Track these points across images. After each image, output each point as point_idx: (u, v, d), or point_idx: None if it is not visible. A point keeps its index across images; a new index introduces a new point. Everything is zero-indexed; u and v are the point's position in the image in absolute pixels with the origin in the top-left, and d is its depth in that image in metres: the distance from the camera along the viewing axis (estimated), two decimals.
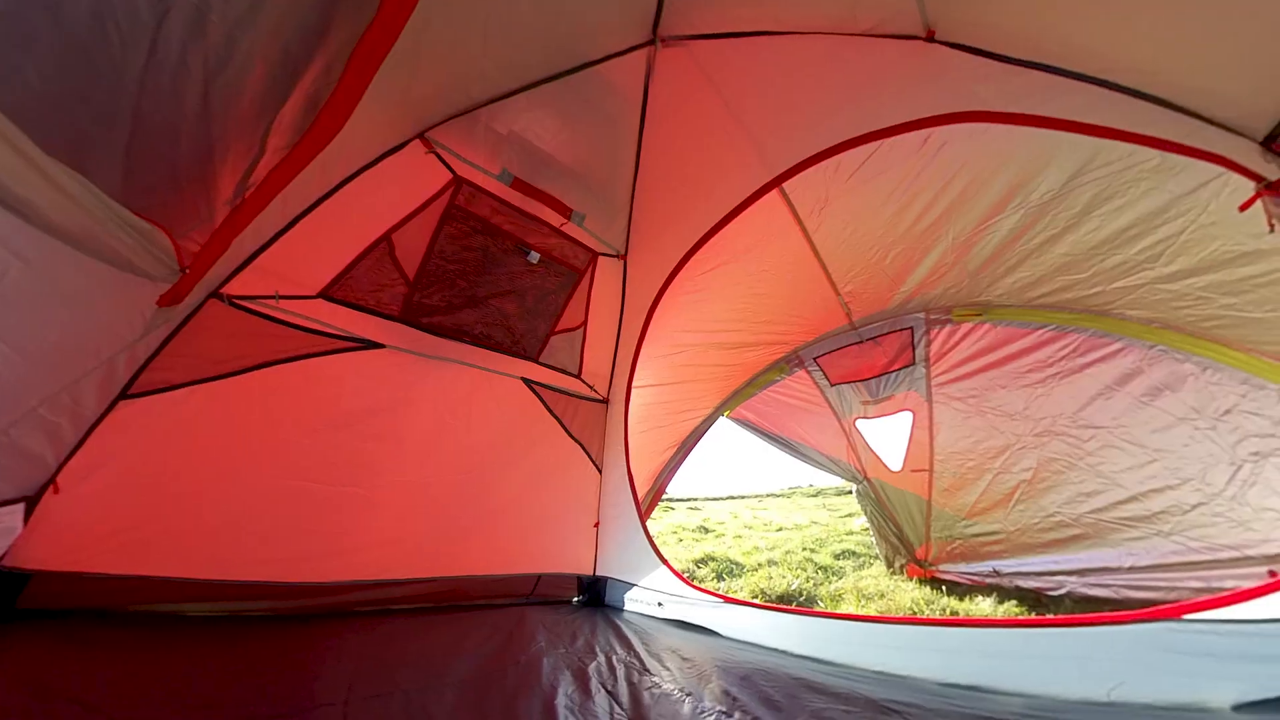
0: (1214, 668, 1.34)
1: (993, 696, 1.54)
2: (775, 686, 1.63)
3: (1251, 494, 1.87)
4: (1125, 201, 1.90)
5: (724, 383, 4.20)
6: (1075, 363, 2.47)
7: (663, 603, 2.64)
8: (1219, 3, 1.31)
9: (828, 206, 2.90)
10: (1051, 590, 2.49)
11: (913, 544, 3.42)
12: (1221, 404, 1.93)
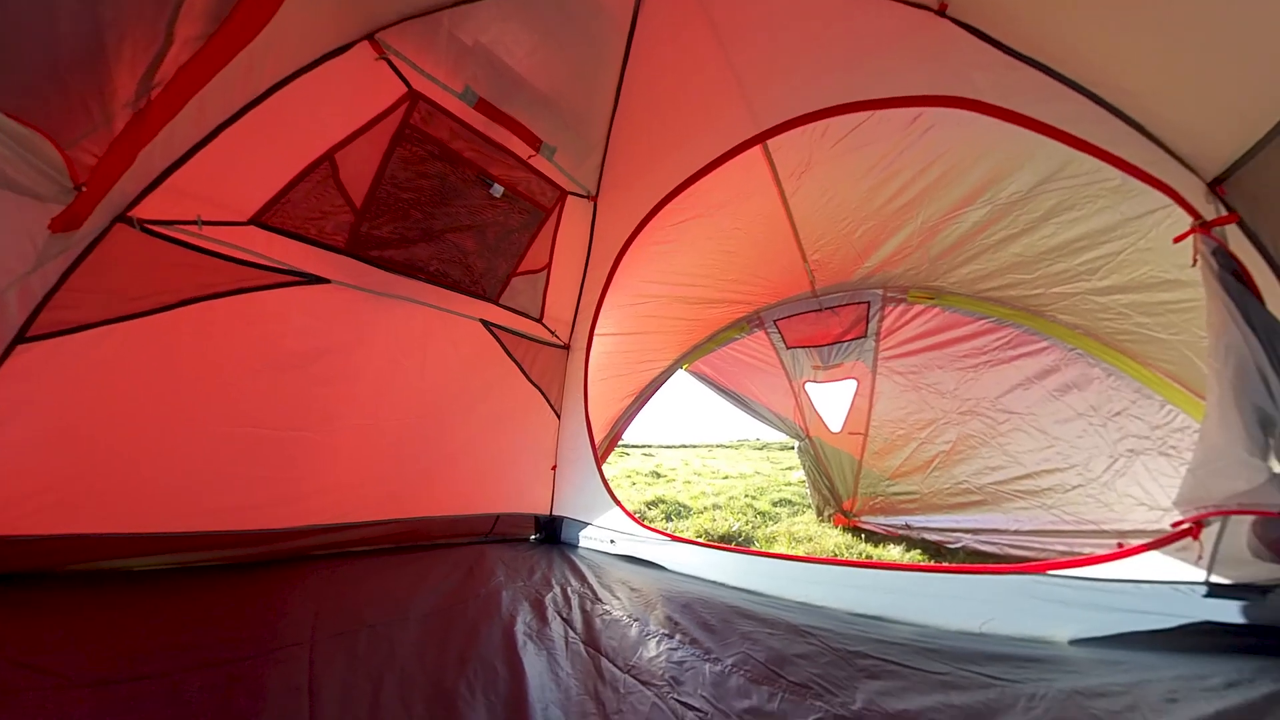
0: (1062, 612, 1.67)
1: (891, 625, 1.85)
2: (712, 613, 1.85)
3: (1120, 482, 2.27)
4: (1081, 215, 2.02)
5: (685, 336, 4.29)
6: (1005, 354, 2.73)
7: (615, 540, 2.87)
8: (1205, 45, 1.34)
9: (809, 171, 2.85)
10: (950, 544, 2.94)
11: (841, 497, 3.85)
12: (1115, 406, 2.26)
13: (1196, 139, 1.55)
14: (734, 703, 1.27)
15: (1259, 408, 1.40)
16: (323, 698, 1.15)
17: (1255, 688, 1.15)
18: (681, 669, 1.43)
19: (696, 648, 1.57)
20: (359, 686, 1.21)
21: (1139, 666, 1.37)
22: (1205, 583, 1.49)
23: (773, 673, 1.41)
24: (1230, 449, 1.44)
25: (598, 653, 1.50)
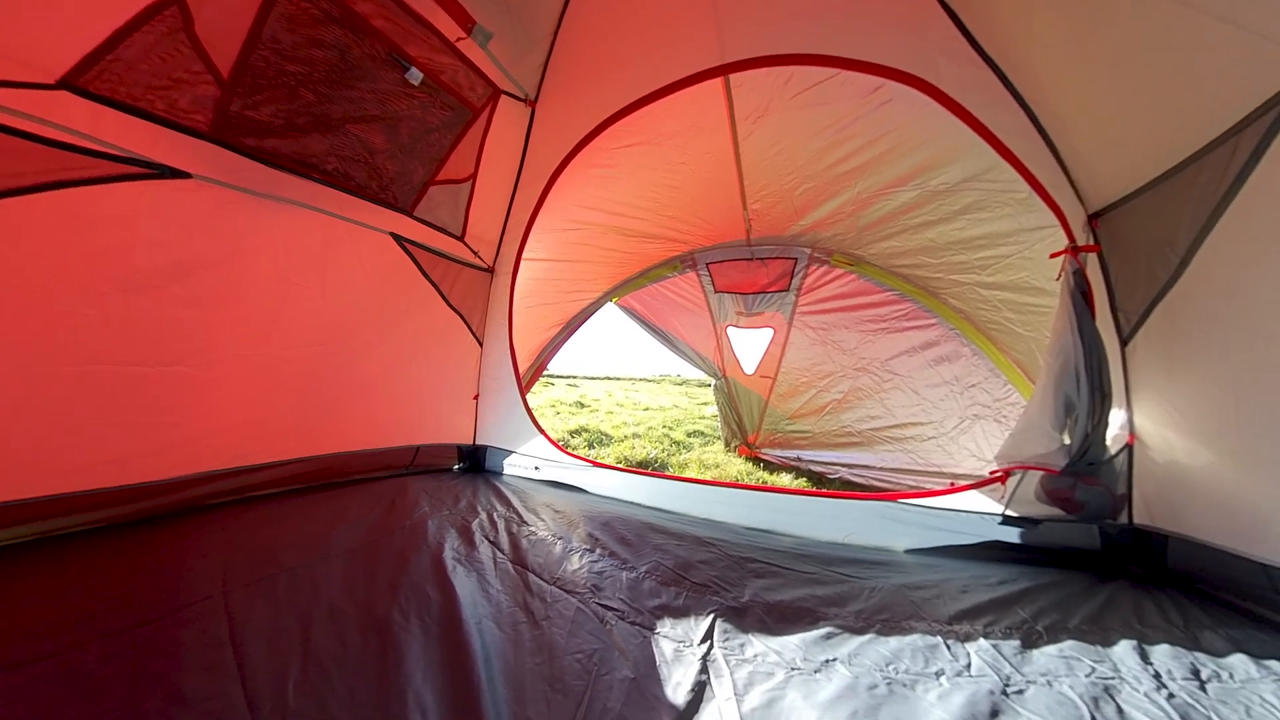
0: (903, 529, 2.15)
1: (777, 536, 2.24)
2: (629, 529, 2.07)
3: (962, 438, 2.92)
4: (989, 217, 2.33)
5: (617, 269, 4.24)
6: (901, 324, 3.19)
7: (539, 467, 3.00)
8: (1123, 101, 1.57)
9: (765, 117, 2.81)
10: (829, 474, 3.58)
11: (747, 431, 4.37)
12: (972, 380, 2.83)
13: (1092, 176, 1.85)
14: (646, 602, 1.47)
15: (1068, 396, 1.84)
16: (248, 645, 1.12)
17: (1017, 583, 1.66)
18: (602, 578, 1.60)
19: (615, 559, 1.75)
20: (286, 628, 1.19)
21: (948, 569, 1.87)
22: (1002, 515, 2.03)
23: (679, 576, 1.65)
24: (1040, 423, 1.91)
25: (525, 570, 1.61)
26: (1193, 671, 1.15)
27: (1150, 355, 1.76)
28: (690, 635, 1.29)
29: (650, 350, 10.51)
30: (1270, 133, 1.21)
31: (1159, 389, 1.73)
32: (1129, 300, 1.81)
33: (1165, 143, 1.51)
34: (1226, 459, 1.49)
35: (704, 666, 1.16)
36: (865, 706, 1.04)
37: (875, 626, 1.38)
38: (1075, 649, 1.27)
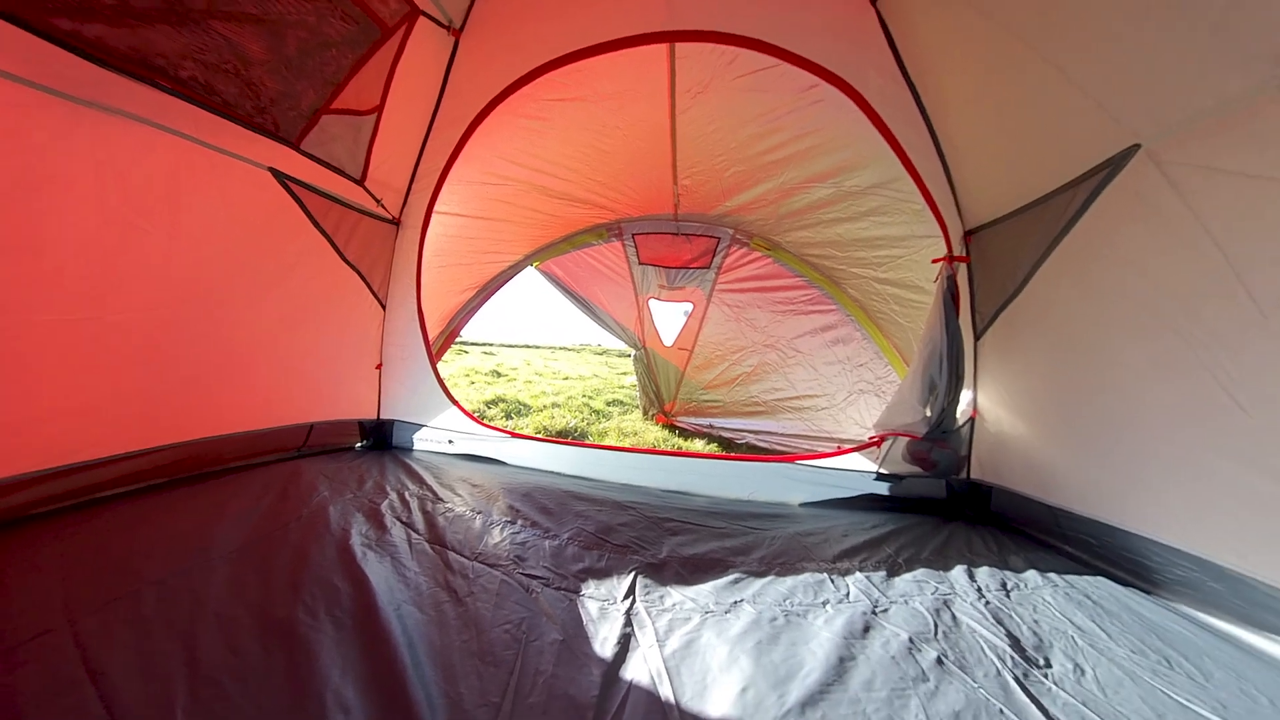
0: (798, 486, 2.49)
1: (691, 497, 2.42)
2: (550, 499, 2.10)
3: (849, 409, 3.44)
4: (890, 221, 2.69)
5: (540, 231, 4.08)
6: (806, 308, 3.58)
7: (453, 440, 2.87)
8: (1005, 137, 1.92)
9: (705, 94, 2.84)
10: (738, 440, 3.97)
11: (664, 400, 4.60)
12: (860, 360, 3.32)
13: (972, 199, 2.24)
14: (570, 567, 1.51)
15: (932, 378, 2.27)
16: (114, 679, 0.93)
17: (885, 527, 2.05)
18: (524, 548, 1.61)
19: (537, 529, 1.78)
20: (163, 651, 1.01)
21: (833, 518, 2.22)
22: (876, 473, 2.46)
23: (601, 540, 1.72)
24: (909, 398, 2.34)
25: (444, 548, 1.56)
26: (1002, 585, 1.56)
27: (993, 350, 2.24)
28: (614, 593, 1.37)
29: (571, 319, 10.43)
30: (1097, 190, 1.59)
31: (996, 376, 2.22)
32: (984, 305, 2.26)
33: (1027, 182, 1.89)
34: (1033, 430, 2.00)
35: (628, 620, 1.24)
36: (768, 636, 1.21)
37: (775, 569, 1.60)
38: (925, 574, 1.62)
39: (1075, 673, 1.11)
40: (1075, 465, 1.77)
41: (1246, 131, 1.15)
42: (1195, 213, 1.31)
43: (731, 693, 1.00)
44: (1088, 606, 1.39)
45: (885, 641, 1.21)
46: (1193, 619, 1.32)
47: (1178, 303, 1.38)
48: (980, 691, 1.03)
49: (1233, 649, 1.19)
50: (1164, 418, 1.44)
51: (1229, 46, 1.10)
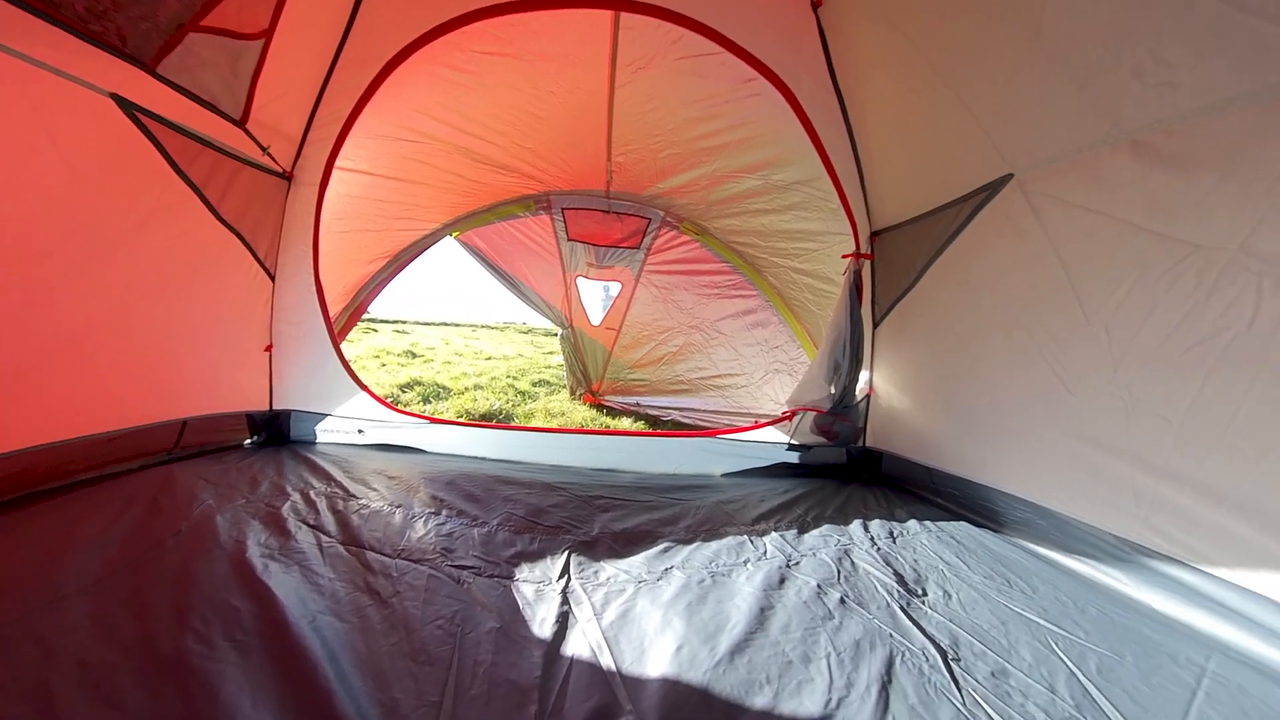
0: (721, 459, 2.70)
1: (620, 474, 2.49)
2: (476, 485, 2.03)
3: (766, 387, 3.76)
4: (810, 216, 2.95)
5: (461, 198, 3.78)
6: (730, 292, 3.80)
7: (363, 430, 2.63)
8: (912, 155, 2.20)
9: (646, 71, 2.81)
10: (663, 417, 4.14)
11: (592, 380, 4.60)
12: (776, 342, 3.64)
13: (879, 204, 2.54)
14: (502, 553, 1.48)
15: (837, 360, 2.57)
16: None
17: (796, 491, 2.32)
18: (451, 539, 1.55)
19: (463, 518, 1.71)
20: (10, 714, 0.83)
21: (752, 486, 2.45)
22: (789, 444, 2.75)
23: (532, 523, 1.72)
24: (817, 377, 2.64)
25: (361, 548, 1.46)
26: (889, 533, 1.87)
27: (888, 337, 2.60)
28: (548, 574, 1.38)
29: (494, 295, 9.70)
30: (978, 208, 1.91)
31: (889, 359, 2.59)
32: (883, 298, 2.60)
33: (925, 194, 2.20)
34: (917, 406, 2.39)
35: (564, 599, 1.26)
36: (696, 596, 1.31)
37: (700, 536, 1.71)
38: (829, 530, 1.88)
39: (944, 597, 1.39)
40: (947, 434, 2.16)
41: (1090, 174, 1.46)
42: (1049, 235, 1.64)
43: (668, 652, 1.07)
44: (953, 545, 1.73)
45: (798, 589, 1.39)
46: (1027, 549, 1.71)
47: (1029, 307, 1.74)
48: (875, 621, 1.24)
49: (1052, 569, 1.57)
50: (1014, 397, 1.82)
51: (1087, 104, 1.39)
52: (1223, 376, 1.22)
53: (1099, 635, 1.21)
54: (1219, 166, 1.18)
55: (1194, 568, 1.27)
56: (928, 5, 1.79)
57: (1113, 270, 1.46)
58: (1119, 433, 1.44)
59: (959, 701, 0.98)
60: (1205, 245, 1.24)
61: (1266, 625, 1.14)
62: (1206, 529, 1.24)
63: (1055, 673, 1.08)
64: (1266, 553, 1.14)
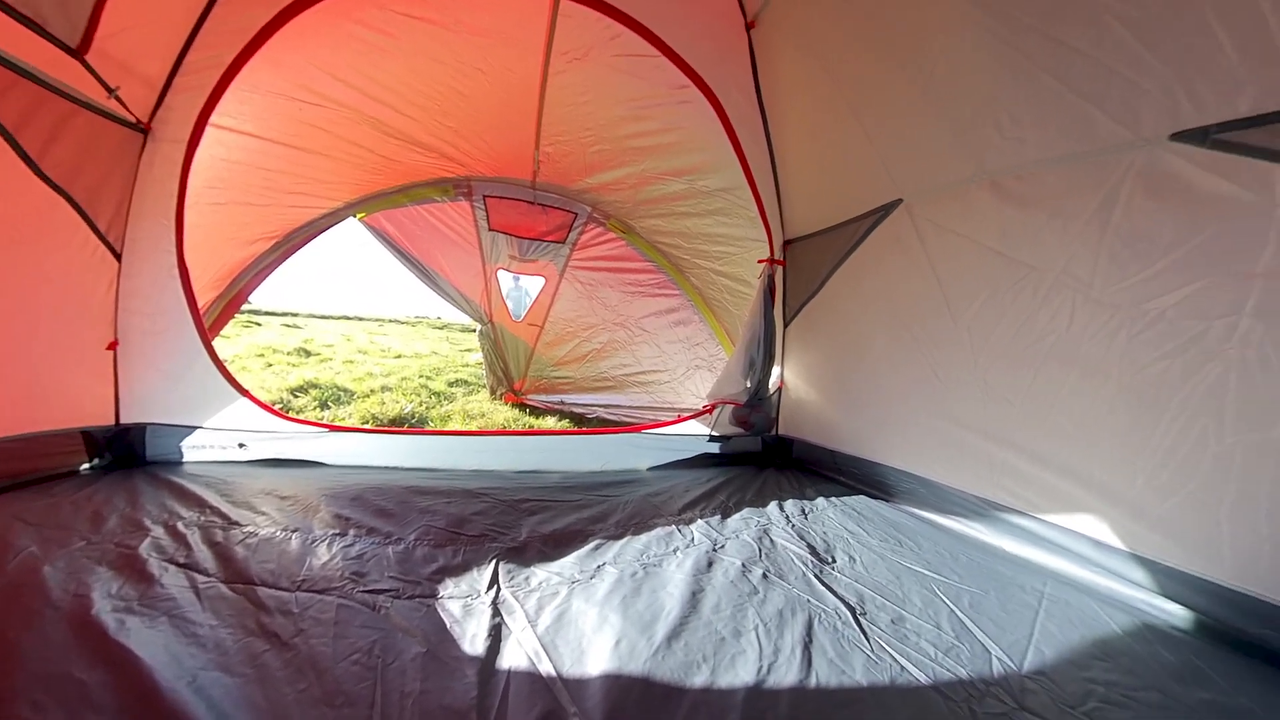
0: (647, 453, 2.78)
1: (546, 474, 2.46)
2: (388, 498, 1.87)
3: (688, 382, 3.94)
4: (730, 222, 3.16)
5: (369, 175, 3.43)
6: (654, 291, 3.92)
7: (246, 443, 2.23)
8: (819, 174, 2.48)
9: (583, 62, 2.74)
10: (589, 414, 4.12)
11: (514, 378, 4.43)
12: (697, 340, 3.84)
13: (792, 215, 2.81)
14: (422, 571, 1.37)
15: (752, 356, 2.80)
16: None
17: (718, 480, 2.49)
18: (362, 561, 1.41)
19: (375, 536, 1.57)
20: None
21: (677, 477, 2.57)
22: (710, 435, 2.93)
23: (454, 534, 1.61)
24: (734, 372, 2.86)
25: (250, 585, 1.26)
26: (801, 511, 2.10)
27: (796, 335, 2.89)
28: (476, 587, 1.31)
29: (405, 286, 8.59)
30: (873, 226, 2.22)
31: (797, 355, 2.88)
32: (793, 301, 2.89)
33: (831, 210, 2.49)
34: (821, 397, 2.69)
35: (495, 610, 1.21)
36: (630, 589, 1.33)
37: (630, 530, 1.74)
38: (749, 512, 2.04)
39: (850, 562, 1.61)
40: (847, 420, 2.48)
41: (960, 205, 1.79)
42: (927, 253, 1.96)
43: (607, 649, 1.08)
44: (855, 516, 1.99)
45: (725, 570, 1.48)
46: (913, 514, 2.03)
47: (911, 312, 2.06)
48: (794, 590, 1.39)
49: (932, 528, 1.89)
50: (899, 387, 2.15)
51: (961, 147, 1.70)
52: (1049, 369, 1.57)
53: (969, 577, 1.50)
54: (1049, 208, 1.53)
55: (1032, 516, 1.63)
56: (845, 45, 2.04)
57: (974, 283, 1.80)
58: (977, 414, 1.79)
59: (868, 649, 1.14)
60: (1039, 267, 1.59)
61: (1082, 555, 1.51)
62: (1039, 486, 1.60)
63: (939, 612, 1.31)
64: (1080, 502, 1.51)
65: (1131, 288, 1.37)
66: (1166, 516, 1.31)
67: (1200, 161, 1.19)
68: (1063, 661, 1.15)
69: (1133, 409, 1.37)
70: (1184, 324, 1.27)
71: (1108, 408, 1.43)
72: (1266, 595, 1.16)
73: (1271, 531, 1.14)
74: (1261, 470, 1.14)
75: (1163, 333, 1.32)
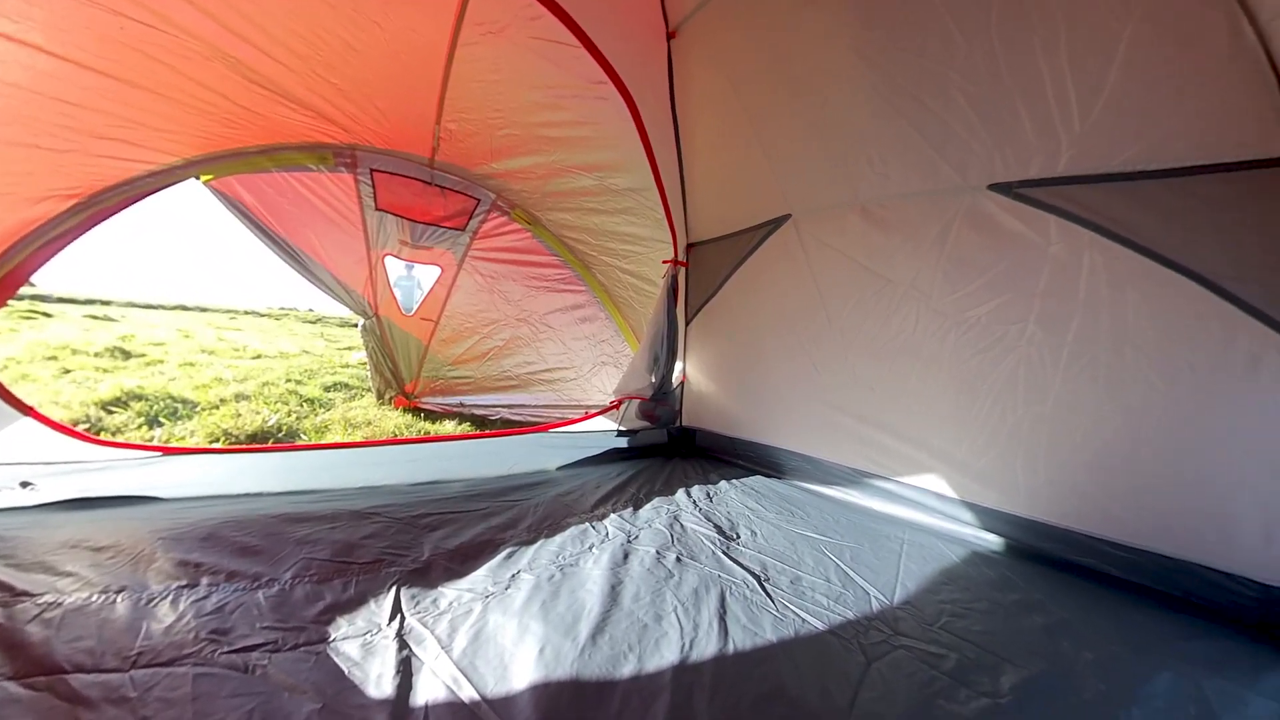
0: (555, 452, 2.78)
1: (447, 484, 2.25)
2: (251, 532, 1.58)
3: (595, 379, 3.95)
4: (638, 222, 3.24)
5: (220, 127, 2.79)
6: (559, 286, 3.86)
7: (33, 481, 1.70)
8: (720, 186, 2.70)
9: (497, 38, 2.52)
10: (491, 415, 3.89)
11: (404, 379, 4.00)
12: (603, 337, 3.87)
13: (696, 220, 3.01)
14: (305, 613, 1.20)
15: (656, 352, 2.95)
16: None
17: (628, 473, 2.59)
18: (224, 615, 1.17)
19: (238, 581, 1.31)
20: None
21: (587, 474, 2.60)
22: (618, 430, 3.02)
23: (342, 564, 1.43)
24: (639, 368, 2.99)
25: (56, 674, 0.96)
26: (707, 495, 2.28)
27: (697, 333, 3.11)
28: (375, 621, 1.19)
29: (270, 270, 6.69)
30: (765, 236, 2.50)
31: (698, 351, 3.10)
32: (694, 300, 3.10)
33: (732, 218, 2.73)
34: (720, 389, 2.93)
35: (402, 643, 1.11)
36: (549, 594, 1.32)
37: (544, 533, 1.72)
38: (659, 501, 2.16)
39: (752, 536, 1.80)
40: (743, 410, 2.74)
41: (837, 224, 2.11)
42: (809, 263, 2.27)
43: (531, 659, 1.06)
44: (754, 495, 2.23)
45: (641, 560, 1.54)
46: (802, 488, 2.33)
47: (796, 313, 2.37)
48: (705, 569, 1.52)
49: (818, 499, 2.20)
50: (786, 379, 2.45)
51: (839, 176, 2.00)
52: (900, 362, 1.94)
53: (849, 535, 1.79)
54: (903, 233, 1.88)
55: (893, 479, 2.00)
56: (754, 72, 2.25)
57: (846, 291, 2.14)
58: (849, 399, 2.13)
59: (774, 610, 1.31)
60: (894, 280, 1.95)
61: (929, 506, 1.90)
62: (897, 455, 1.97)
63: (828, 568, 1.55)
64: (926, 465, 1.90)
65: (957, 300, 1.76)
66: (982, 471, 1.73)
67: (1006, 208, 1.58)
68: (921, 591, 1.45)
69: (958, 392, 1.77)
70: (992, 328, 1.68)
71: (941, 392, 1.82)
72: (1048, 520, 1.62)
73: (1048, 477, 1.58)
74: (1039, 434, 1.56)
75: (978, 334, 1.72)
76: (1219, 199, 1.29)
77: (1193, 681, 1.15)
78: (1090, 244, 1.49)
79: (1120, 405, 1.48)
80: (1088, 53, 1.36)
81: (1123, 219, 1.43)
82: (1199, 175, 1.30)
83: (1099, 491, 1.53)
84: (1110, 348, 1.49)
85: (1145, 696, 1.10)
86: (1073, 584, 1.54)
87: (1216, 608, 1.39)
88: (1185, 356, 1.38)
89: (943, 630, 1.27)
